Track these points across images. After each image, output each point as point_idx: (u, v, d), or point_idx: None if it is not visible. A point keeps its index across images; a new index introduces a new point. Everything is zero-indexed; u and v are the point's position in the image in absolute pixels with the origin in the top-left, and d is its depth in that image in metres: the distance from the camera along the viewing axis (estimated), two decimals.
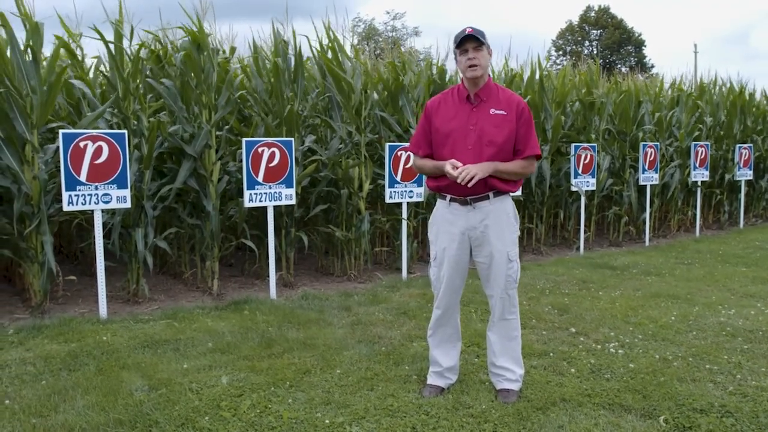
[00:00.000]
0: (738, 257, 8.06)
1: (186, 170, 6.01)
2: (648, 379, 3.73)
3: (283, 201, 6.05)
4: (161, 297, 6.05)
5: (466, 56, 3.32)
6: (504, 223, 3.42)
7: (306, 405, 3.31)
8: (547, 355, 4.18)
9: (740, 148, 10.76)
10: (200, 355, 4.09)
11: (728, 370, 3.92)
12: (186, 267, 6.78)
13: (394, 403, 3.33)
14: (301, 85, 6.76)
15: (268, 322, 4.89)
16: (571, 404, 3.38)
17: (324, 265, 7.53)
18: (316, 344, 4.33)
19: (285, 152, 5.98)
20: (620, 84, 9.70)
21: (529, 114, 3.39)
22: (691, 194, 10.50)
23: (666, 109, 10.39)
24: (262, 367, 3.85)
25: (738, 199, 11.25)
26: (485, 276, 3.50)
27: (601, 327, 4.85)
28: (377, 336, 4.57)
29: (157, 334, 4.53)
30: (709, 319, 5.07)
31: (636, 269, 7.23)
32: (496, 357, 3.54)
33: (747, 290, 6.18)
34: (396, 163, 6.71)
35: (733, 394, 3.54)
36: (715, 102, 11.11)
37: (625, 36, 43.67)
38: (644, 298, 5.82)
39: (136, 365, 3.89)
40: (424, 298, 5.81)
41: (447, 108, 3.46)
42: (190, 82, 6.01)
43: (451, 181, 3.35)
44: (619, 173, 9.49)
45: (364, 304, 5.56)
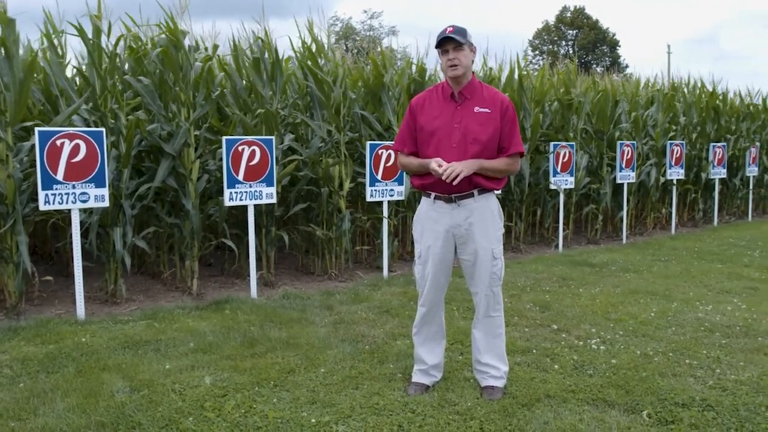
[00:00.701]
0: (713, 254, 8.19)
1: (165, 169, 5.94)
2: (630, 375, 3.77)
3: (264, 200, 6.01)
4: (140, 297, 5.97)
5: (446, 56, 3.33)
6: (489, 221, 3.43)
7: (291, 404, 3.28)
8: (530, 351, 4.21)
9: (714, 147, 10.94)
10: (182, 356, 4.04)
11: (707, 365, 3.98)
12: (165, 267, 6.69)
13: (379, 402, 3.32)
14: (279, 83, 6.72)
15: (250, 321, 4.85)
16: (556, 400, 3.40)
17: (304, 265, 7.49)
18: (299, 343, 4.30)
19: (266, 151, 5.94)
20: (597, 83, 9.79)
21: (513, 112, 3.41)
22: (666, 192, 10.65)
23: (642, 108, 10.52)
24: (245, 367, 3.81)
25: (712, 198, 11.43)
26: (470, 273, 3.51)
27: (583, 323, 4.89)
28: (360, 334, 4.56)
29: (138, 335, 4.47)
30: (687, 315, 5.15)
31: (614, 266, 7.31)
32: (480, 354, 3.55)
33: (723, 286, 6.28)
34: (377, 162, 6.70)
35: (713, 388, 3.59)
36: (690, 102, 11.27)
37: (600, 36, 44.17)
38: (623, 294, 5.88)
39: (117, 366, 3.82)
40: (406, 296, 5.81)
41: (432, 106, 3.46)
42: (167, 80, 5.94)
43: (436, 179, 3.35)
44: (596, 172, 9.58)
45: (346, 303, 5.54)
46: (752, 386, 3.63)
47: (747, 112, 12.46)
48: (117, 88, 5.76)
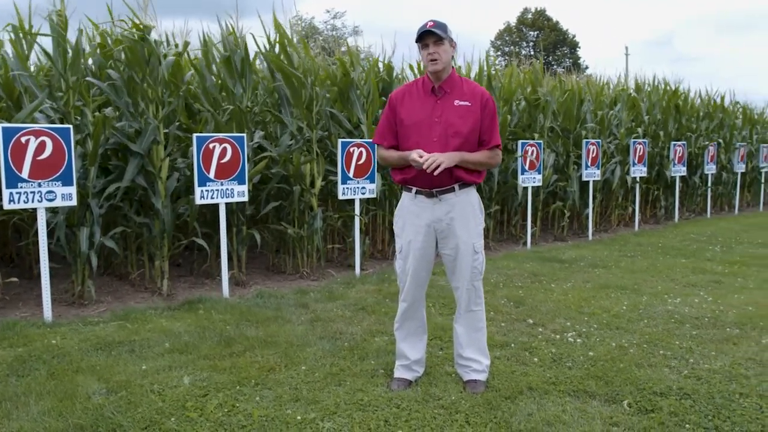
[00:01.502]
0: (676, 249, 8.39)
1: (133, 167, 5.81)
2: (608, 366, 3.83)
3: (236, 198, 5.93)
4: (108, 299, 5.82)
5: (426, 51, 3.33)
6: (470, 215, 3.44)
7: (274, 402, 3.24)
8: (509, 345, 4.24)
9: (675, 145, 11.21)
10: (158, 356, 3.95)
11: (681, 355, 4.07)
12: (133, 267, 6.55)
13: (364, 398, 3.30)
14: (249, 80, 6.64)
15: (225, 321, 4.78)
16: (538, 392, 3.43)
17: (275, 264, 7.42)
18: (278, 342, 4.25)
19: (237, 148, 5.86)
20: (564, 83, 9.93)
21: (493, 105, 3.43)
22: (630, 190, 10.87)
23: (607, 107, 10.71)
24: (224, 366, 3.75)
25: (673, 195, 11.71)
26: (451, 268, 3.52)
27: (557, 318, 4.95)
28: (338, 332, 4.53)
29: (110, 336, 4.36)
30: (657, 308, 5.25)
31: (583, 262, 7.43)
32: (462, 348, 3.56)
33: (689, 280, 6.43)
34: (348, 160, 6.67)
35: (688, 378, 3.67)
36: (653, 101, 11.53)
37: (560, 38, 44.86)
38: (594, 289, 5.98)
39: (91, 368, 3.72)
40: (381, 293, 5.80)
41: (412, 100, 3.45)
42: (135, 77, 5.81)
43: (417, 173, 3.35)
44: (563, 169, 9.72)
45: (321, 301, 5.50)
46: (725, 375, 3.73)
47: (706, 112, 12.80)
48: (82, 84, 5.60)
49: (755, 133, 14.79)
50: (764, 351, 4.17)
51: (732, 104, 14.17)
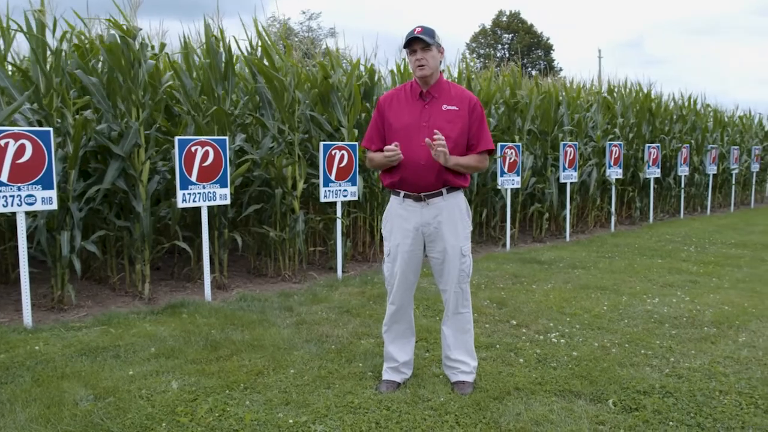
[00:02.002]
0: (653, 250, 8.54)
1: (114, 170, 5.75)
2: (591, 366, 3.90)
3: (218, 201, 5.90)
4: (88, 303, 5.76)
5: (414, 56, 3.37)
6: (457, 219, 3.48)
7: (265, 406, 3.24)
8: (494, 347, 4.29)
9: (649, 147, 11.42)
10: (144, 361, 3.92)
11: (661, 354, 4.16)
12: (113, 271, 6.48)
13: (354, 400, 3.32)
14: (231, 82, 6.62)
15: (210, 324, 4.76)
16: (525, 392, 3.48)
17: (256, 267, 7.40)
18: (264, 345, 4.25)
19: (219, 151, 5.84)
20: (541, 86, 10.06)
21: (481, 110, 3.47)
22: (606, 191, 11.03)
23: (583, 110, 10.87)
24: (212, 371, 3.74)
25: (648, 196, 11.92)
26: (438, 271, 3.55)
27: (540, 318, 5.02)
28: (324, 335, 4.54)
29: (94, 342, 4.31)
30: (637, 308, 5.36)
31: (562, 263, 7.53)
32: (450, 350, 3.59)
33: (666, 280, 6.56)
34: (330, 162, 6.68)
35: (669, 376, 3.76)
36: (627, 104, 11.72)
37: (534, 40, 45.31)
38: (575, 290, 6.07)
39: (76, 374, 3.68)
40: (364, 296, 5.82)
41: (400, 104, 3.49)
42: (117, 79, 5.76)
43: (406, 177, 3.39)
44: (541, 172, 9.84)
45: (305, 304, 5.51)
46: (704, 373, 3.82)
47: (679, 115, 13.05)
48: (63, 86, 5.54)
49: (726, 135, 15.12)
50: (741, 349, 4.29)
51: (703, 107, 14.47)
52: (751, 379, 3.74)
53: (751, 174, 16.16)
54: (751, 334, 4.63)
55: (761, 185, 17.57)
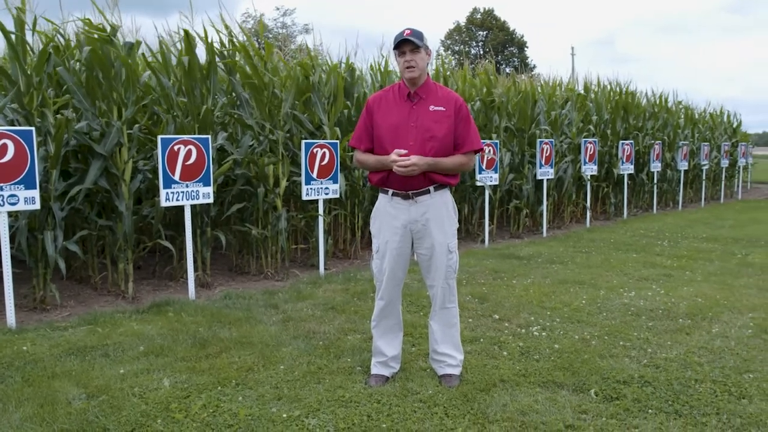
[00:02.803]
0: (627, 245, 8.75)
1: (96, 169, 5.74)
2: (573, 358, 4.02)
3: (201, 200, 5.92)
4: (70, 303, 5.74)
5: (403, 58, 3.45)
6: (444, 216, 3.58)
7: (258, 401, 3.30)
8: (478, 341, 4.40)
9: (623, 144, 11.64)
10: (133, 360, 3.95)
11: (639, 346, 4.30)
12: (95, 271, 6.46)
13: (345, 394, 3.40)
14: (214, 82, 6.63)
15: (197, 322, 4.79)
16: (510, 384, 3.59)
17: (238, 265, 7.42)
18: (252, 342, 4.30)
19: (202, 150, 5.85)
20: (518, 84, 10.20)
21: (467, 110, 3.56)
22: (581, 187, 11.24)
23: (559, 108, 11.05)
24: (203, 368, 3.78)
25: (622, 192, 12.16)
26: (426, 267, 3.64)
27: (521, 312, 5.14)
28: (311, 331, 4.60)
29: (81, 341, 4.32)
30: (614, 301, 5.51)
31: (541, 258, 7.68)
32: (437, 344, 3.69)
33: (641, 274, 6.74)
34: (312, 160, 6.73)
35: (647, 366, 3.90)
36: (601, 101, 11.94)
37: (508, 37, 45.69)
38: (554, 284, 6.21)
39: (66, 374, 3.70)
40: (348, 292, 5.89)
41: (388, 105, 3.56)
42: (98, 78, 5.74)
43: (394, 175, 3.46)
44: (518, 168, 9.99)
45: (290, 301, 5.56)
46: (680, 363, 3.97)
47: (652, 112, 13.33)
48: (43, 85, 5.51)
49: (696, 132, 15.46)
50: (714, 340, 4.45)
51: (675, 104, 14.79)
52: (725, 367, 3.89)
53: (721, 170, 16.55)
54: (724, 325, 4.81)
55: (730, 181, 17.99)
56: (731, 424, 3.13)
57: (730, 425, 3.11)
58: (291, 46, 9.76)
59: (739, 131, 18.41)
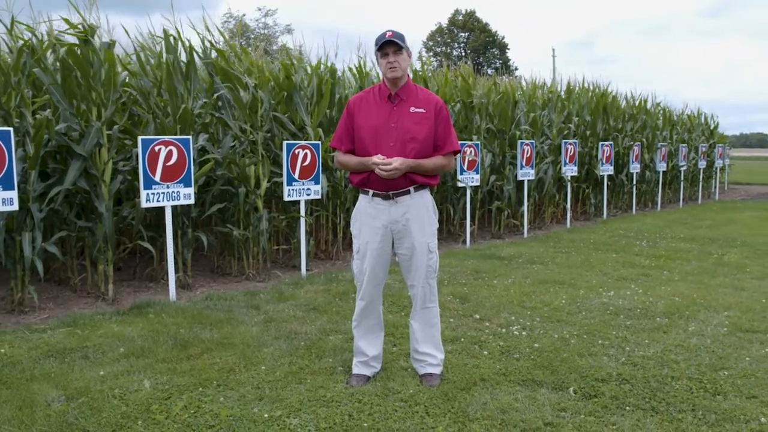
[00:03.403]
0: (607, 245, 8.85)
1: (76, 170, 5.69)
2: (552, 356, 4.07)
3: (182, 201, 5.90)
4: (49, 305, 5.69)
5: (386, 59, 3.48)
6: (424, 216, 3.60)
7: (239, 402, 3.31)
8: (459, 340, 4.43)
9: (603, 145, 11.77)
10: (114, 361, 3.93)
11: (618, 344, 4.36)
12: (74, 272, 6.40)
13: (326, 394, 3.41)
14: (194, 82, 6.61)
15: (178, 324, 4.77)
16: (490, 383, 3.63)
17: (219, 266, 7.40)
18: (234, 343, 4.30)
19: (183, 150, 5.83)
20: (498, 85, 10.27)
21: (446, 112, 3.60)
22: (561, 188, 11.34)
23: (539, 109, 11.14)
24: (183, 369, 3.77)
25: (602, 193, 12.29)
26: (406, 267, 3.67)
27: (502, 312, 5.19)
28: (293, 332, 4.61)
29: (60, 343, 4.29)
30: (593, 301, 5.58)
31: (521, 259, 7.74)
32: (418, 344, 3.71)
33: (620, 274, 6.83)
34: (294, 161, 6.73)
35: (625, 365, 3.96)
36: (582, 103, 12.05)
37: (489, 39, 45.92)
38: (534, 284, 6.27)
39: (45, 376, 3.67)
40: (330, 293, 5.90)
41: (369, 106, 3.59)
42: (77, 78, 5.70)
43: (374, 176, 3.48)
44: (499, 169, 10.06)
45: (271, 302, 5.56)
46: (657, 361, 4.03)
47: (631, 113, 13.48)
48: (21, 85, 5.45)
49: (675, 133, 15.67)
50: (691, 338, 4.53)
51: (654, 106, 14.97)
52: (700, 365, 3.96)
53: (699, 171, 16.78)
54: (700, 324, 4.89)
55: (707, 182, 18.25)
56: (706, 420, 3.19)
57: (705, 421, 3.17)
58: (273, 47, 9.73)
59: (716, 133, 18.69)
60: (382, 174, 3.40)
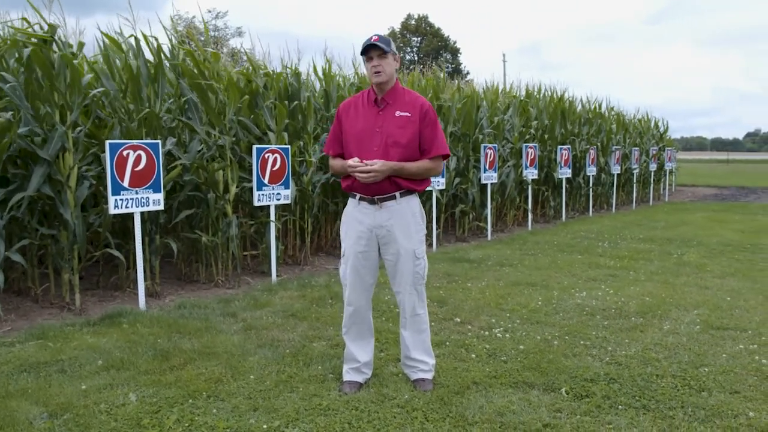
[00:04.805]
0: (571, 246, 9.02)
1: (40, 176, 5.46)
2: (539, 358, 4.11)
3: (152, 206, 5.74)
4: (11, 317, 5.44)
5: (371, 63, 3.46)
6: (410, 222, 3.57)
7: (233, 413, 3.22)
8: (444, 344, 4.43)
9: (561, 149, 12.00)
10: (93, 374, 3.78)
11: (599, 344, 4.44)
12: (35, 282, 6.14)
13: (321, 402, 3.36)
14: (162, 85, 6.44)
15: (155, 334, 4.63)
16: (483, 386, 3.63)
17: (187, 273, 7.22)
18: (217, 352, 4.19)
19: (152, 155, 5.68)
20: (462, 90, 10.37)
21: (433, 115, 3.58)
22: (522, 191, 11.52)
23: (501, 113, 11.29)
24: (169, 381, 3.66)
25: (561, 195, 12.53)
26: (392, 273, 3.64)
27: (481, 315, 5.22)
28: (275, 339, 4.53)
29: (32, 357, 4.10)
30: (568, 302, 5.67)
31: (491, 261, 7.81)
32: (410, 351, 3.69)
33: (588, 275, 6.96)
34: (264, 166, 6.64)
35: (610, 364, 4.03)
36: (541, 107, 12.27)
37: (442, 43, 46.38)
38: (508, 286, 6.33)
39: (22, 392, 3.50)
40: (306, 299, 5.83)
41: (356, 111, 3.57)
42: (39, 80, 5.48)
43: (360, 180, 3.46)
44: (464, 173, 10.14)
45: (248, 309, 5.45)
46: (640, 359, 4.12)
47: (587, 118, 13.80)
48: None
49: (628, 137, 16.12)
50: (667, 336, 4.64)
51: (608, 110, 15.37)
52: (681, 362, 4.07)
53: (650, 173, 17.29)
54: (673, 322, 5.02)
55: (657, 184, 18.82)
56: (697, 416, 3.27)
57: (695, 417, 3.25)
58: (224, 50, 9.58)
59: (665, 136, 19.31)
60: (360, 178, 3.38)
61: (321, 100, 8.86)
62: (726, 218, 13.00)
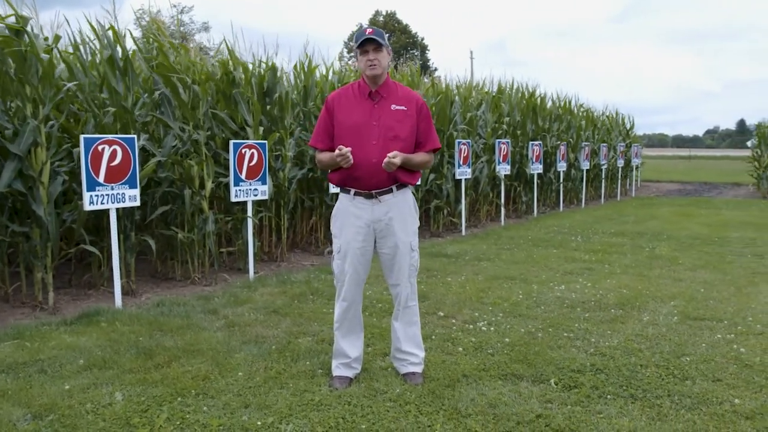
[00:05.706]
0: (545, 241, 9.12)
1: (10, 171, 5.30)
2: (525, 350, 4.14)
3: (128, 203, 5.62)
4: None
5: (366, 56, 3.44)
6: (407, 215, 3.58)
7: (225, 411, 3.17)
8: (431, 338, 4.44)
9: (533, 144, 12.12)
10: (75, 374, 3.68)
11: (582, 336, 4.50)
12: (6, 281, 5.97)
13: (313, 398, 3.33)
14: (132, 78, 6.30)
15: (135, 332, 4.53)
16: (473, 378, 3.65)
17: (162, 270, 7.10)
18: (201, 350, 4.13)
19: (128, 150, 5.56)
20: (437, 86, 10.39)
21: (427, 110, 3.60)
22: (495, 186, 11.60)
23: (474, 109, 11.35)
24: (155, 379, 3.58)
25: (532, 191, 12.66)
26: (389, 266, 3.63)
27: (464, 309, 5.24)
28: (260, 336, 4.48)
29: (9, 357, 3.98)
30: (548, 295, 5.73)
31: (468, 256, 7.86)
32: (401, 343, 3.68)
33: (565, 268, 7.05)
34: (240, 161, 6.56)
35: (594, 355, 4.08)
36: (513, 103, 12.38)
37: (410, 40, 46.46)
38: (487, 280, 6.37)
39: (2, 393, 3.39)
40: (286, 295, 5.78)
41: (349, 102, 3.53)
42: (8, 72, 5.31)
43: (357, 175, 3.44)
44: (438, 168, 10.17)
45: (228, 306, 5.38)
46: (623, 350, 4.18)
47: (557, 114, 13.97)
48: None
49: (596, 133, 16.36)
50: (647, 327, 4.73)
51: (577, 107, 15.58)
52: (663, 352, 4.14)
53: (618, 169, 17.59)
54: (652, 314, 5.11)
55: (624, 179, 19.15)
56: (683, 404, 3.33)
57: (682, 405, 3.31)
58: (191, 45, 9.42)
59: (632, 133, 19.65)
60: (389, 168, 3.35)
61: (297, 94, 8.79)
62: (692, 212, 13.30)
